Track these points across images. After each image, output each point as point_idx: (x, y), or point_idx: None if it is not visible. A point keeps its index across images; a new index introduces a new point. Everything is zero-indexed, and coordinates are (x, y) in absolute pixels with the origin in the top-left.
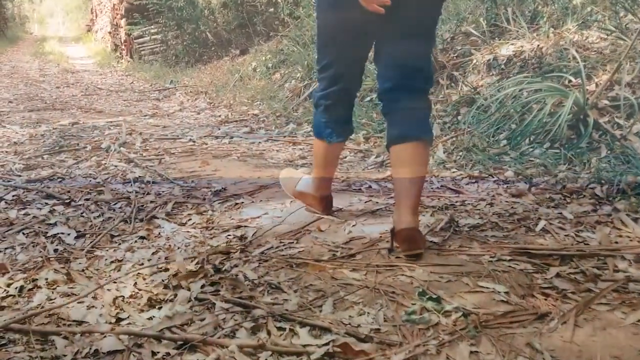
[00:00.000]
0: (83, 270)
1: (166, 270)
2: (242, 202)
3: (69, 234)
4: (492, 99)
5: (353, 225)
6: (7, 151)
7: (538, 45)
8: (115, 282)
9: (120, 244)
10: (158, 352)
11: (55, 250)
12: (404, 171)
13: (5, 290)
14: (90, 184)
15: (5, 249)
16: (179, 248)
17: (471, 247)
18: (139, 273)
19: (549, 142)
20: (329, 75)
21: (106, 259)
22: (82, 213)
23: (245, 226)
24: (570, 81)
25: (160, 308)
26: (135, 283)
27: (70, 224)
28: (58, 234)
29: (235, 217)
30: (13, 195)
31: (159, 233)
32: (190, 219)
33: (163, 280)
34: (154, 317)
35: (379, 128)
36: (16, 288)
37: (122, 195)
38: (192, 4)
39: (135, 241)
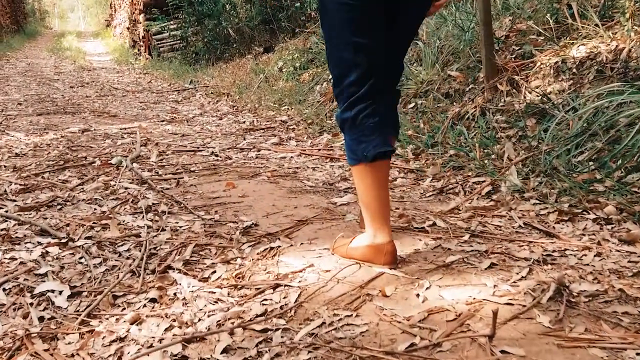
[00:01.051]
0: (73, 356)
1: (184, 358)
2: (279, 247)
3: (60, 292)
4: (580, 111)
5: (427, 288)
6: (6, 166)
7: (617, 46)
8: None
9: (124, 309)
10: None
11: (41, 319)
12: (386, 186)
13: None
14: (94, 213)
15: None
16: (200, 320)
17: (600, 332)
18: None
19: None
20: (352, 80)
21: (104, 337)
22: (80, 258)
23: (285, 285)
24: None
25: None
26: None
27: (65, 275)
28: (47, 292)
29: (271, 269)
30: (1, 229)
31: (175, 294)
32: (214, 272)
33: None
34: None
35: (431, 141)
36: None
37: (131, 232)
38: None
39: (145, 305)
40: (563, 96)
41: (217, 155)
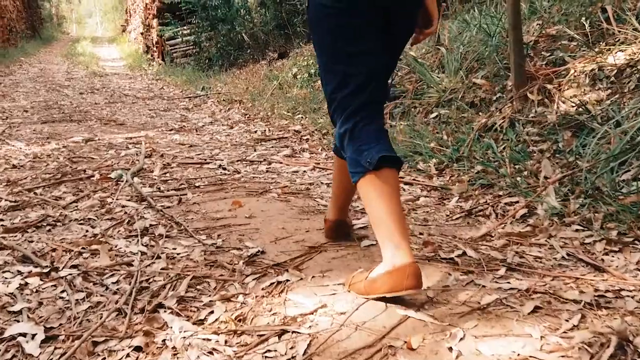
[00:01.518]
0: None
1: None
2: (287, 281)
3: (33, 336)
4: (624, 126)
5: (460, 339)
6: (0, 179)
7: None
8: None
9: (104, 359)
10: None
11: None
12: (397, 197)
13: None
14: (85, 236)
15: None
16: None
17: None
18: None
19: None
20: (347, 92)
21: None
22: (62, 292)
23: (293, 332)
24: None
25: None
26: None
27: (42, 313)
28: (18, 335)
29: (277, 309)
30: None
31: (164, 341)
32: (212, 312)
33: None
34: None
35: (455, 155)
36: None
37: (122, 260)
38: (227, 3)
39: (128, 355)
40: (602, 107)
41: (224, 169)
